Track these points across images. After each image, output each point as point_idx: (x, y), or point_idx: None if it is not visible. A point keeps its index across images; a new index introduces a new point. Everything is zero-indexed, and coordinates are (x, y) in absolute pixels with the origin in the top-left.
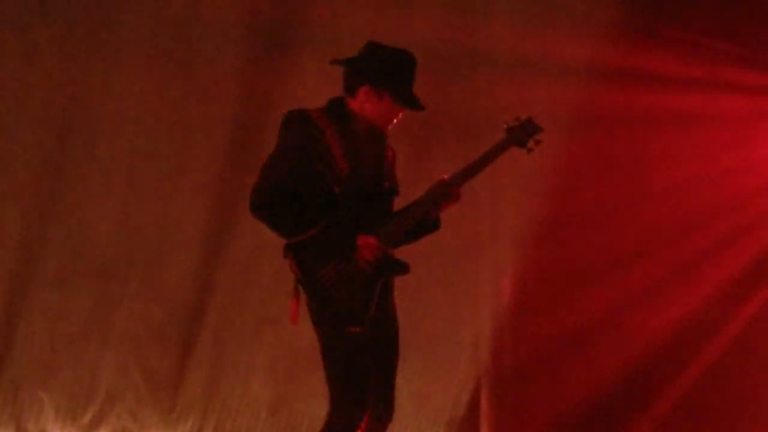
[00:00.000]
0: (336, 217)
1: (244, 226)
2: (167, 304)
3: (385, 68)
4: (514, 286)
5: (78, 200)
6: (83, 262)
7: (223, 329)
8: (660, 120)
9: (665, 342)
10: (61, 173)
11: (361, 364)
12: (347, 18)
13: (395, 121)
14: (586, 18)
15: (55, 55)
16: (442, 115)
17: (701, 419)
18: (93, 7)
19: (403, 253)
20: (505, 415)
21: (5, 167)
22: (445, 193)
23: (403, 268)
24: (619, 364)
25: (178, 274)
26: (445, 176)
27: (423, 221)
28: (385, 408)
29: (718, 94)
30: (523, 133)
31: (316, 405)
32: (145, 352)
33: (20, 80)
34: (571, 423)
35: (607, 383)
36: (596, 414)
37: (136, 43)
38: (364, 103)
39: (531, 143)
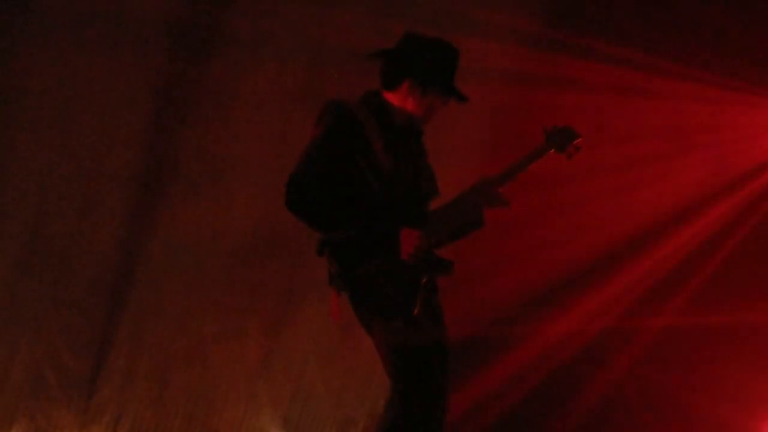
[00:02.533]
0: (377, 214)
1: (163, 221)
2: (82, 302)
3: (429, 61)
4: None
5: None
6: None
7: (140, 328)
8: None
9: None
10: None
11: (423, 361)
12: (269, 16)
13: (436, 114)
14: (508, 30)
15: None
16: None
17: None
18: None
19: None
20: None
21: None
22: (488, 194)
23: (447, 267)
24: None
25: (93, 272)
26: (485, 177)
27: (465, 221)
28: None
29: (624, 97)
30: (562, 139)
31: (232, 406)
32: (58, 352)
33: None
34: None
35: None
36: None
37: (55, 34)
38: (407, 97)
39: (571, 149)
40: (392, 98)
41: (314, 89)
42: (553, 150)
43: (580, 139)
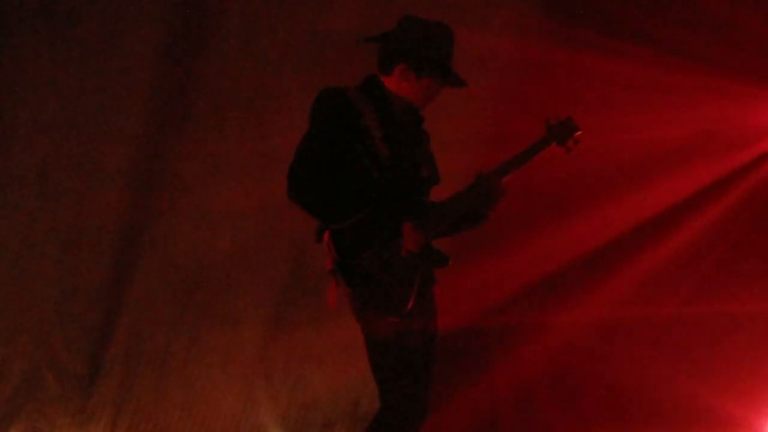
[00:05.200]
0: (377, 204)
1: (159, 220)
2: (80, 302)
3: (423, 44)
4: None
5: None
6: None
7: (137, 328)
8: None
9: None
10: None
11: (410, 356)
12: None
13: (433, 99)
14: (508, 23)
15: None
16: None
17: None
18: None
19: None
20: None
21: None
22: (489, 189)
23: (443, 260)
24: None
25: (90, 272)
26: (485, 171)
27: (466, 215)
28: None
29: (615, 84)
30: (562, 132)
31: (231, 404)
32: (56, 351)
33: None
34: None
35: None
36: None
37: (48, 33)
38: (401, 82)
39: (570, 143)
40: (389, 83)
41: (311, 86)
42: (554, 143)
43: (580, 132)
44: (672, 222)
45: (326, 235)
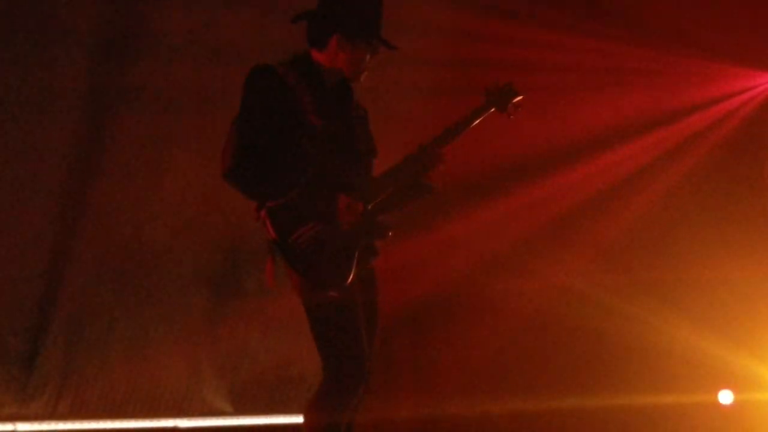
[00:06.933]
0: (313, 177)
1: (98, 199)
2: (20, 279)
3: (355, 12)
4: None
5: None
6: None
7: (81, 305)
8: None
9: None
10: None
11: (352, 329)
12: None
13: (366, 69)
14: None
15: None
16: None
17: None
18: None
19: None
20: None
21: None
22: (426, 157)
23: (383, 231)
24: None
25: (33, 249)
26: (424, 142)
27: (408, 186)
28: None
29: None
30: (502, 98)
31: (177, 375)
32: None
33: None
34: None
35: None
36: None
37: None
38: (338, 54)
39: (511, 108)
40: (321, 58)
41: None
42: (493, 109)
43: (521, 98)
44: (617, 196)
45: (263, 213)
